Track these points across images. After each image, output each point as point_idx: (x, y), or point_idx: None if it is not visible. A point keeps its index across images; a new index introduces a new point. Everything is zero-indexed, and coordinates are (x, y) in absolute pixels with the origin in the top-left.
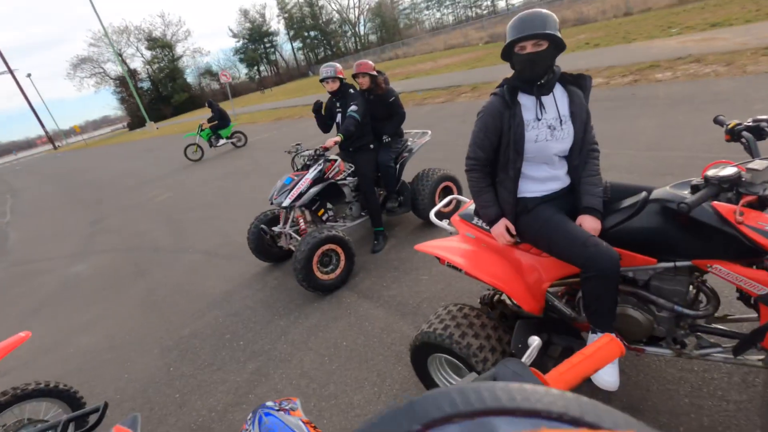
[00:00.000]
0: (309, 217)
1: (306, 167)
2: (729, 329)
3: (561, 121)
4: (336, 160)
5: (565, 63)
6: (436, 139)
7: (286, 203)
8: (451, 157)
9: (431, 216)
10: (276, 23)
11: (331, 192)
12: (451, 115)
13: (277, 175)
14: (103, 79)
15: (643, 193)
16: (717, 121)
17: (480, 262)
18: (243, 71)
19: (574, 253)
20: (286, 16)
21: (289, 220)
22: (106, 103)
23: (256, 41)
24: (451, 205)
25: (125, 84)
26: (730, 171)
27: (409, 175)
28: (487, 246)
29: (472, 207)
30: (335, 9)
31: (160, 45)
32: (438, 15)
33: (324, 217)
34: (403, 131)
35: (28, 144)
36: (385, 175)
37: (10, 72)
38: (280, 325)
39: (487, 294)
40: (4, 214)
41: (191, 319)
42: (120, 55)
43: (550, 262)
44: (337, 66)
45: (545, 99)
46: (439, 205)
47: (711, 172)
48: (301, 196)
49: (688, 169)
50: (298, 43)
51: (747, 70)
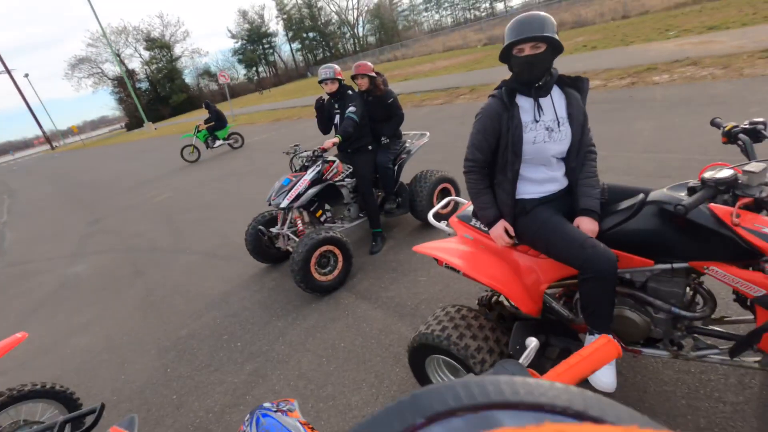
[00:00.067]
0: (307, 219)
1: (304, 168)
2: (726, 331)
3: (559, 123)
4: (334, 162)
5: (563, 65)
6: (434, 141)
7: (284, 204)
8: (449, 158)
9: (429, 217)
10: (275, 24)
11: (330, 193)
12: (450, 116)
13: (276, 176)
14: (101, 79)
15: (641, 195)
16: (714, 123)
17: (478, 264)
18: (241, 72)
19: (571, 254)
20: (285, 17)
21: (287, 221)
22: (104, 104)
23: (254, 42)
24: (449, 207)
25: (123, 84)
26: (726, 173)
27: (407, 176)
28: (485, 247)
29: (470, 208)
30: (334, 10)
31: (159, 45)
32: (436, 17)
33: (322, 219)
34: (402, 133)
35: (25, 144)
36: (384, 177)
37: (8, 72)
38: (278, 326)
39: (485, 295)
40: (1, 215)
41: (189, 319)
42: (118, 55)
43: (548, 264)
44: (336, 67)
45: (543, 101)
46: (438, 206)
47: (708, 174)
48: (299, 197)
49: (685, 171)
50: (296, 44)
51: (744, 73)
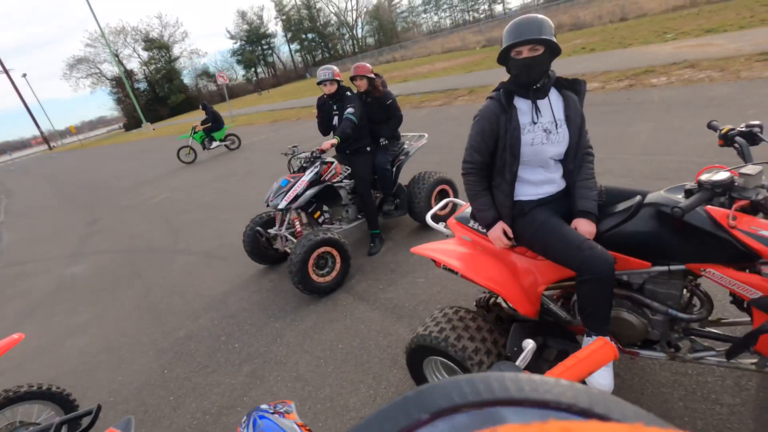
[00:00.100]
0: (305, 220)
1: (302, 169)
2: (722, 333)
3: (556, 124)
4: (333, 163)
5: (561, 67)
6: (433, 142)
7: (282, 205)
8: (448, 160)
9: (427, 219)
10: (274, 25)
11: (328, 194)
12: (449, 118)
13: (274, 176)
14: (99, 79)
15: (638, 197)
16: (710, 126)
17: (476, 265)
18: (240, 73)
19: (569, 256)
20: (284, 18)
21: (285, 223)
22: (103, 104)
23: (253, 43)
24: (448, 208)
25: (122, 85)
26: (723, 176)
27: (405, 177)
28: (483, 249)
29: (468, 210)
30: (333, 11)
31: (157, 46)
32: (435, 18)
33: (320, 220)
34: (400, 134)
35: (23, 144)
36: (382, 178)
37: (6, 72)
38: (276, 328)
39: (483, 297)
40: None
41: (187, 320)
42: (116, 55)
43: (546, 266)
44: (335, 68)
45: (541, 103)
46: (436, 208)
47: (704, 177)
48: (297, 198)
49: (683, 173)
50: (295, 45)
51: (741, 76)
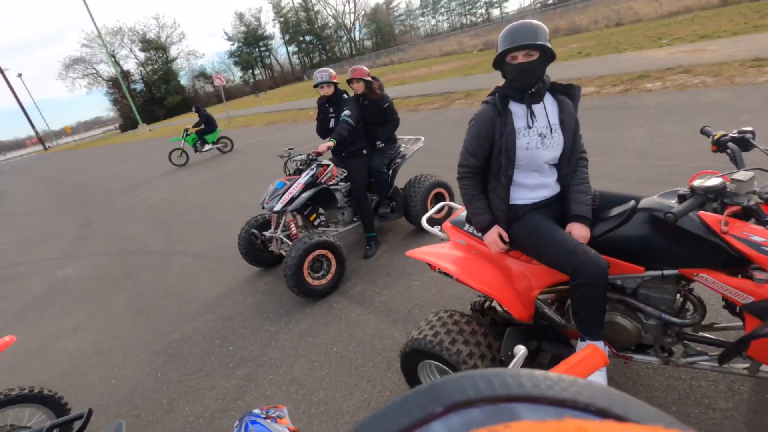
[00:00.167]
0: (301, 222)
1: (298, 172)
2: (715, 337)
3: (551, 129)
4: (329, 165)
5: (558, 71)
6: (429, 146)
7: (278, 208)
8: (444, 163)
9: (423, 222)
10: (271, 27)
11: (324, 197)
12: (445, 121)
13: (270, 179)
14: (95, 80)
15: (632, 202)
16: (704, 131)
17: (471, 269)
18: (237, 74)
19: (563, 260)
20: (282, 20)
21: (281, 225)
22: (99, 104)
23: (251, 45)
24: (443, 212)
25: (118, 85)
26: (715, 181)
27: (401, 181)
28: (478, 253)
29: (463, 214)
30: (331, 14)
31: (154, 47)
32: (433, 22)
33: (316, 222)
34: (397, 137)
35: (17, 144)
36: (378, 181)
37: (1, 71)
38: (270, 331)
39: (477, 301)
40: None
41: (181, 323)
42: (113, 56)
43: (540, 270)
44: (331, 71)
45: (536, 107)
46: (431, 211)
47: (697, 183)
48: (293, 200)
49: (677, 177)
50: (293, 47)
51: (734, 81)
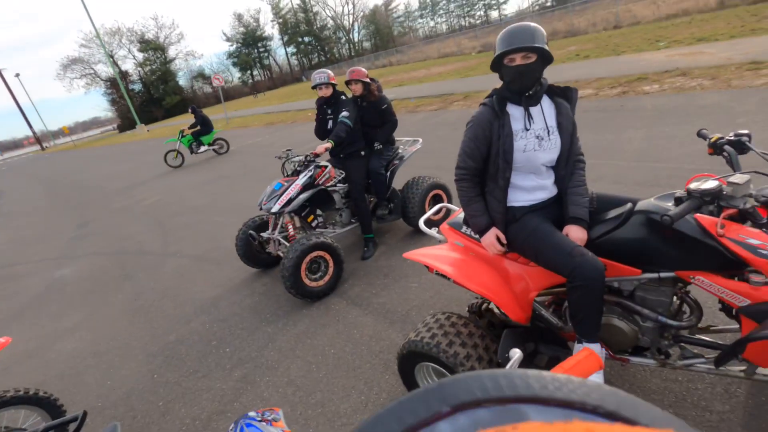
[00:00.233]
0: (298, 224)
1: (296, 173)
2: (712, 340)
3: (548, 131)
4: (326, 167)
5: (556, 73)
6: (427, 147)
7: (276, 209)
8: (442, 165)
9: (420, 224)
10: (270, 28)
11: (321, 198)
12: (444, 122)
13: (268, 180)
14: (93, 80)
15: (629, 205)
16: (700, 134)
17: (468, 271)
18: (236, 75)
19: (560, 262)
20: (281, 21)
21: (278, 226)
22: (97, 105)
23: (249, 45)
24: (441, 214)
25: (116, 85)
26: (711, 184)
27: (399, 182)
28: (476, 255)
29: (461, 215)
30: (330, 15)
31: (153, 47)
32: (432, 23)
33: (313, 224)
34: (395, 139)
35: (15, 144)
36: (376, 182)
37: None
38: (268, 332)
39: (475, 302)
40: None
41: (177, 324)
42: (111, 56)
43: (537, 272)
44: (329, 72)
45: (533, 110)
46: (429, 213)
47: (693, 185)
48: (290, 201)
49: (674, 180)
50: (291, 49)
51: (731, 84)
